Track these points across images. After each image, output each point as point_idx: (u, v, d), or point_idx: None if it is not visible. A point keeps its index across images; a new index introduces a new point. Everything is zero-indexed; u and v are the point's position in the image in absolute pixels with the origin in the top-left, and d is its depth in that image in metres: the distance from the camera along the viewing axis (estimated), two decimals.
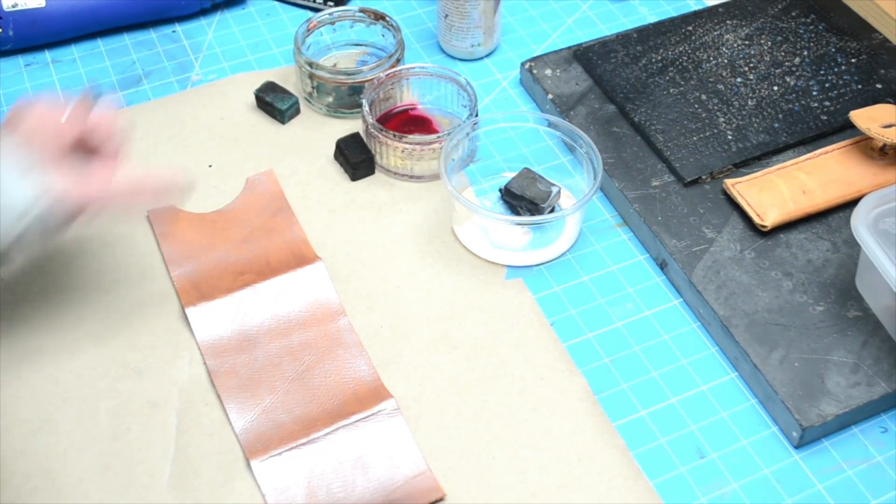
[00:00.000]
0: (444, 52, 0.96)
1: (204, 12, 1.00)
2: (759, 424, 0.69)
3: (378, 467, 0.66)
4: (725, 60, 0.91)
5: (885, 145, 0.80)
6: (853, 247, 0.76)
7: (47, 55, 0.96)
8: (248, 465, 0.66)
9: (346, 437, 0.67)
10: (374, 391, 0.70)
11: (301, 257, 0.77)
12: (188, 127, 0.88)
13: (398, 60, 0.88)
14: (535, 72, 0.91)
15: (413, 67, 0.88)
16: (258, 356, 0.72)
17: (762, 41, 0.93)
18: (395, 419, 0.68)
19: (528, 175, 0.81)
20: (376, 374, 0.71)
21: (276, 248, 0.78)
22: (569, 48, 0.93)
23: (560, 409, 0.69)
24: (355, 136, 0.85)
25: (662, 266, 0.78)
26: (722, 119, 0.86)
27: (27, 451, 0.67)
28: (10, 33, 0.93)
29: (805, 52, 0.92)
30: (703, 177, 0.81)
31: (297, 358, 0.72)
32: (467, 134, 0.82)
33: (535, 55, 0.95)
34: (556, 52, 0.93)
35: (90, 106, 0.69)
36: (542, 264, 0.79)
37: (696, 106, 0.87)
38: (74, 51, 0.96)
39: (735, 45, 0.92)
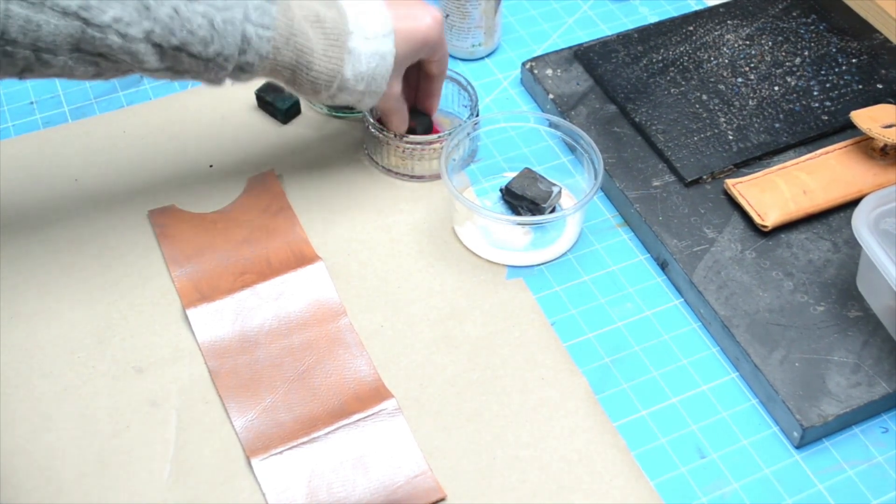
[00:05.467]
0: None
1: None
2: (760, 424, 0.69)
3: (379, 467, 0.66)
4: (726, 60, 0.91)
5: (885, 145, 0.80)
6: (854, 247, 0.76)
7: None
8: (249, 463, 0.66)
9: (347, 437, 0.67)
10: (374, 391, 0.70)
11: (301, 257, 0.77)
12: (189, 127, 0.88)
13: None
14: (535, 72, 0.91)
15: None
16: (259, 356, 0.72)
17: (763, 41, 0.93)
18: (395, 419, 0.68)
19: (528, 175, 0.81)
20: (377, 373, 0.71)
21: (277, 249, 0.78)
22: (570, 48, 0.93)
23: (561, 409, 0.69)
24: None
25: (663, 266, 0.78)
26: (723, 119, 0.86)
27: (27, 450, 0.67)
28: None
29: (806, 53, 0.92)
30: (704, 177, 0.81)
31: (297, 358, 0.72)
32: (468, 134, 0.82)
33: (535, 55, 0.95)
34: (556, 51, 0.93)
35: None
36: (542, 264, 0.79)
37: (697, 106, 0.87)
38: None
39: (736, 46, 0.92)
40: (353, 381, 0.71)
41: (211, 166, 0.85)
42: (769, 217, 0.77)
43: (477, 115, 0.84)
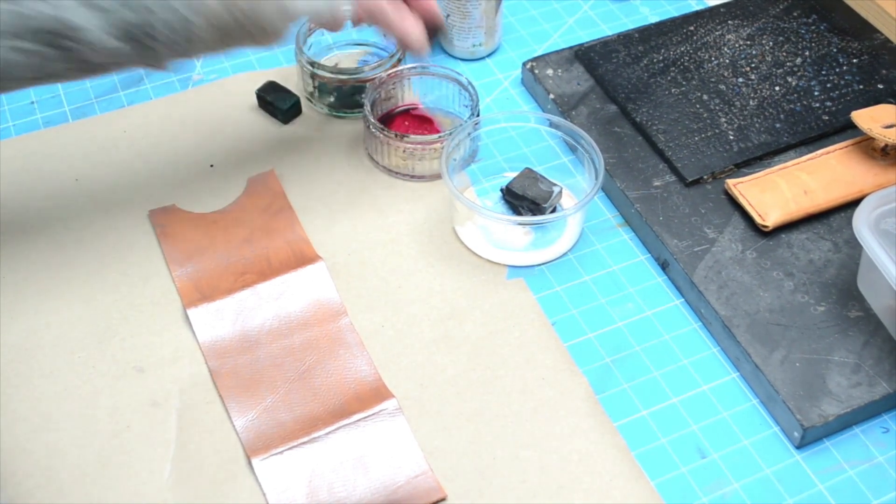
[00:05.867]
0: (445, 51, 0.96)
1: None
2: (761, 424, 0.69)
3: (379, 467, 0.66)
4: (727, 60, 0.91)
5: (886, 145, 0.80)
6: (855, 247, 0.76)
7: None
8: (249, 463, 0.66)
9: (348, 437, 0.67)
10: (375, 391, 0.70)
11: (302, 257, 0.77)
12: (189, 127, 0.88)
13: (399, 60, 0.88)
14: (536, 72, 0.91)
15: (414, 67, 0.88)
16: (260, 356, 0.72)
17: (764, 41, 0.93)
18: (396, 419, 0.68)
19: (529, 175, 0.81)
20: (377, 373, 0.71)
21: (277, 249, 0.78)
22: (570, 48, 0.93)
23: (561, 409, 0.69)
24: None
25: (664, 266, 0.78)
26: (723, 119, 0.86)
27: (27, 450, 0.67)
28: None
29: (806, 53, 0.92)
30: (705, 177, 0.81)
31: (298, 358, 0.72)
32: (469, 134, 0.82)
33: (536, 55, 0.95)
34: (557, 51, 0.93)
35: None
36: (543, 264, 0.79)
37: (698, 106, 0.87)
38: None
39: (737, 46, 0.92)
40: (354, 381, 0.71)
41: (211, 166, 0.85)
42: (770, 217, 0.77)
43: (477, 115, 0.84)
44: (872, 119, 0.79)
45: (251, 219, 0.81)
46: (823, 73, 0.90)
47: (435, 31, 0.77)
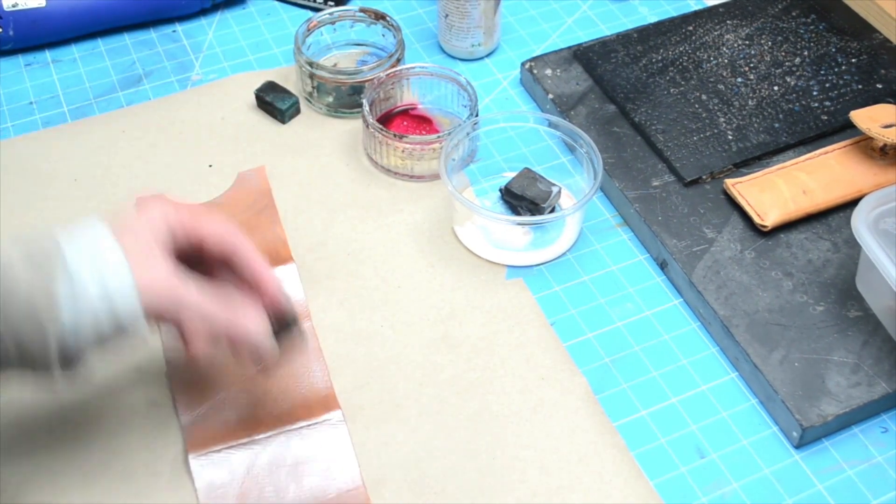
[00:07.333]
0: (444, 51, 0.96)
1: (204, 12, 1.00)
2: (760, 424, 0.69)
3: (313, 476, 0.65)
4: (726, 60, 0.91)
5: (885, 145, 0.80)
6: (854, 247, 0.76)
7: (47, 55, 0.96)
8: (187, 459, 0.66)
9: (288, 443, 0.66)
10: (323, 399, 0.69)
11: (276, 256, 0.77)
12: (188, 127, 0.88)
13: (398, 60, 0.88)
14: (535, 72, 0.91)
15: (413, 67, 0.88)
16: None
17: (762, 41, 0.93)
18: (338, 430, 0.67)
19: (528, 175, 0.81)
20: (330, 382, 0.70)
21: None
22: (569, 48, 0.93)
23: (560, 409, 0.69)
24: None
25: (663, 266, 0.78)
26: (722, 119, 0.86)
27: (28, 450, 0.67)
28: (11, 33, 0.93)
29: (805, 52, 0.92)
30: (704, 177, 0.81)
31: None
32: (467, 134, 0.82)
33: (535, 55, 0.95)
34: (556, 51, 0.93)
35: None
36: (542, 264, 0.79)
37: (697, 106, 0.87)
38: (74, 50, 0.96)
39: (735, 45, 0.92)
40: (305, 386, 0.70)
41: (210, 166, 0.85)
42: (769, 217, 0.77)
43: (476, 115, 0.84)
44: (871, 119, 0.79)
45: (235, 214, 0.80)
46: (822, 72, 0.90)
47: (286, 325, 0.64)
